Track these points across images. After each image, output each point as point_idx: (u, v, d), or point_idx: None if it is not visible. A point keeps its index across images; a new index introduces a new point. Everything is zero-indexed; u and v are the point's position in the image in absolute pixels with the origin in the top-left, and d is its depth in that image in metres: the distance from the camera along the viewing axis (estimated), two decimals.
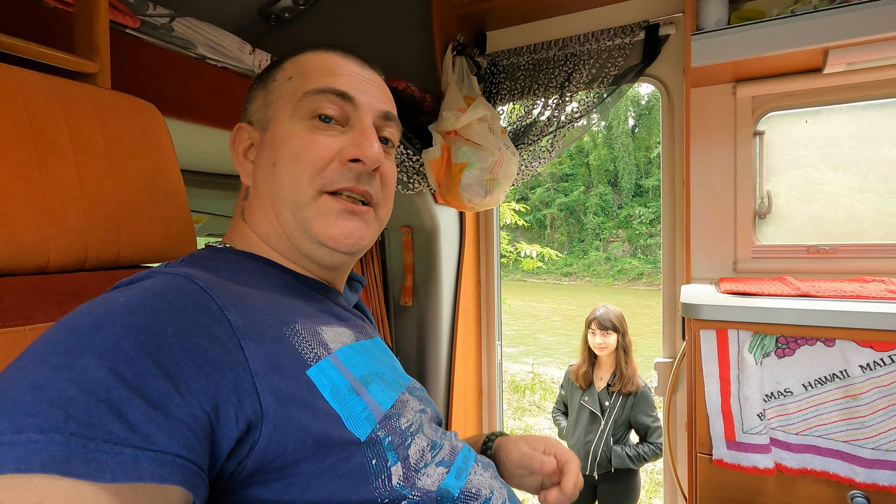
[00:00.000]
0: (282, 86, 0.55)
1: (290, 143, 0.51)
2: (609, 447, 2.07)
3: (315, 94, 0.52)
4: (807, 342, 0.97)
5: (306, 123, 0.52)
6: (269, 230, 0.54)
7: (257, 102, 0.57)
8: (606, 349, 2.17)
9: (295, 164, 0.51)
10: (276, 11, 1.81)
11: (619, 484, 2.10)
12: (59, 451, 0.28)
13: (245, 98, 0.60)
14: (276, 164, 0.52)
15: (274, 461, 0.37)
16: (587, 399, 2.18)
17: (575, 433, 2.20)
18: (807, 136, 1.48)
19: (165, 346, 0.35)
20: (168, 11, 0.88)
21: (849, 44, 1.17)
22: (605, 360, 2.22)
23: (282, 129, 0.52)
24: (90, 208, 0.57)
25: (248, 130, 0.57)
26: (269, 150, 0.53)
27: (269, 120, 0.54)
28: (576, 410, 2.22)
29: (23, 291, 0.51)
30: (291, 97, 0.53)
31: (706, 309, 1.04)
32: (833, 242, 1.41)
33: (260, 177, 0.54)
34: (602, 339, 2.17)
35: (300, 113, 0.52)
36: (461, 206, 1.59)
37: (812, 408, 0.97)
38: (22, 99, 0.53)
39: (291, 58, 0.57)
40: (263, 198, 0.53)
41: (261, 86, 0.58)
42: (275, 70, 0.57)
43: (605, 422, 2.11)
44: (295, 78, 0.54)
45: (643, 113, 16.37)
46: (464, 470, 0.51)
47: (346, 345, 0.49)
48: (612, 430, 2.09)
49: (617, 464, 2.04)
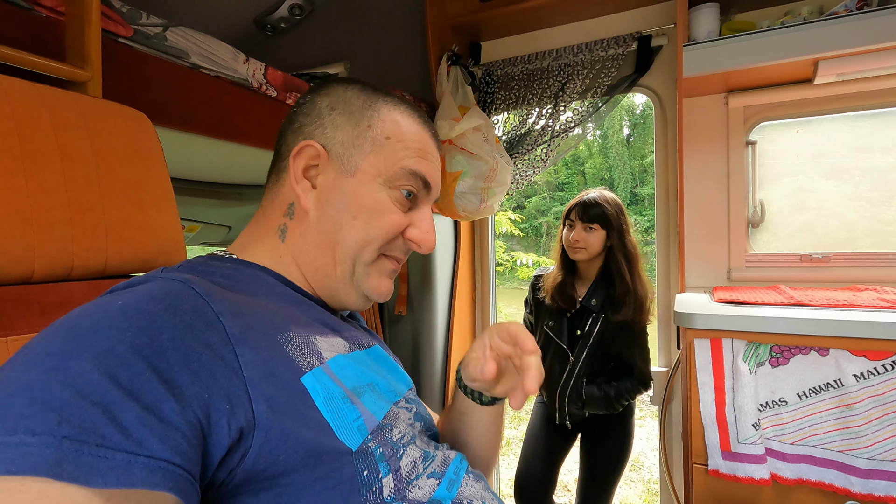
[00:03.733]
0: (377, 140, 0.54)
1: (376, 207, 0.54)
2: (578, 389, 1.51)
3: (410, 174, 0.55)
4: (801, 351, 0.97)
5: (393, 194, 0.55)
6: (319, 266, 0.54)
7: (342, 134, 0.55)
8: (585, 251, 1.48)
9: (375, 229, 0.54)
10: (272, 21, 1.82)
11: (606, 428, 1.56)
12: (52, 454, 0.27)
13: (315, 110, 0.56)
14: (357, 220, 0.53)
15: (265, 470, 0.37)
16: (552, 324, 1.56)
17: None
18: (798, 145, 1.49)
19: (161, 350, 0.34)
20: (162, 21, 0.88)
21: (838, 55, 1.18)
22: (586, 271, 1.56)
23: (369, 188, 0.54)
24: (77, 217, 0.57)
25: (321, 153, 0.54)
26: (352, 199, 0.54)
27: (357, 168, 0.54)
28: (541, 338, 1.60)
29: (5, 302, 0.51)
30: (386, 161, 0.54)
31: (700, 318, 1.04)
32: (826, 251, 1.42)
33: (331, 217, 0.54)
34: (579, 236, 1.48)
35: (391, 182, 0.54)
36: (455, 215, 1.59)
37: (807, 417, 0.97)
38: (9, 108, 0.52)
39: (386, 105, 0.56)
40: (328, 237, 0.54)
41: (347, 114, 0.55)
42: (368, 111, 0.55)
43: (575, 357, 1.51)
44: (393, 141, 0.55)
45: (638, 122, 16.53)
46: (455, 481, 0.51)
47: (340, 354, 0.49)
48: (584, 367, 1.51)
49: (591, 408, 1.51)
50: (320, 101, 0.57)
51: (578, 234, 1.49)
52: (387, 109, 0.56)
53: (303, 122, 0.56)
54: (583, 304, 1.52)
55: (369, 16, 1.82)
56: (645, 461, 3.21)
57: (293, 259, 0.55)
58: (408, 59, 1.78)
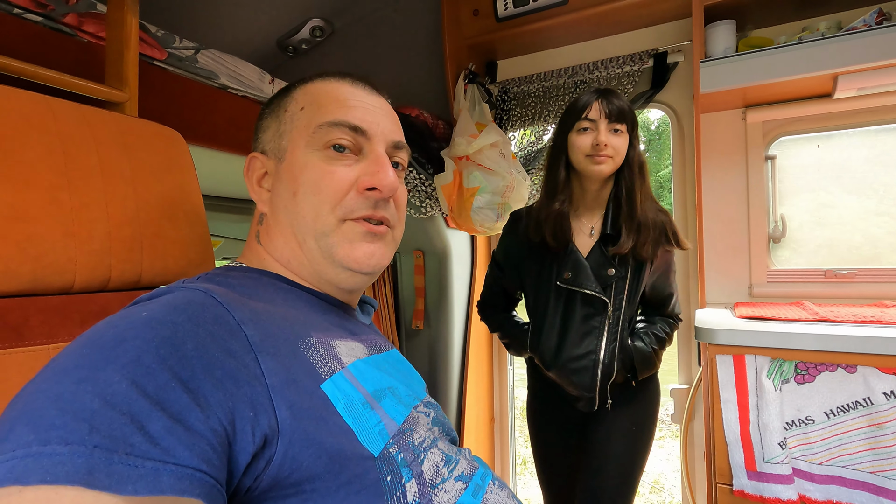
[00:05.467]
0: (294, 116, 0.56)
1: (309, 174, 0.53)
2: (626, 349, 1.17)
3: (329, 127, 0.53)
4: (827, 368, 0.95)
5: (322, 154, 0.53)
6: (290, 256, 0.55)
7: (269, 132, 0.58)
8: (612, 160, 1.12)
9: (316, 195, 0.53)
10: (294, 43, 1.87)
11: (638, 395, 1.22)
12: (83, 464, 0.28)
13: (255, 127, 0.61)
14: (297, 195, 0.53)
15: (290, 476, 0.37)
16: (570, 274, 1.15)
17: (546, 339, 1.19)
18: (819, 160, 1.48)
19: (185, 359, 0.35)
20: (193, 44, 0.92)
21: (858, 69, 1.18)
22: (595, 193, 1.18)
23: (299, 160, 0.54)
24: (115, 230, 0.59)
25: (262, 159, 0.58)
26: (287, 180, 0.54)
27: (284, 150, 0.55)
28: (544, 300, 1.20)
29: (48, 311, 0.53)
30: (305, 128, 0.54)
31: (722, 333, 1.03)
32: (851, 267, 1.39)
33: (279, 206, 0.55)
34: (607, 139, 1.10)
35: (315, 144, 0.53)
36: (473, 230, 1.60)
37: (835, 436, 0.94)
38: (56, 127, 0.55)
39: (300, 86, 0.58)
40: (283, 225, 0.55)
41: (272, 115, 0.59)
42: (285, 99, 0.58)
43: (614, 307, 1.16)
44: (307, 108, 0.55)
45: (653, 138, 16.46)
46: (480, 487, 0.50)
47: (359, 359, 0.50)
48: (626, 319, 1.18)
49: (643, 369, 1.17)
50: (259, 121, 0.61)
51: (605, 135, 1.10)
52: (301, 88, 0.58)
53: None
54: (603, 236, 1.16)
55: (388, 37, 1.87)
56: (666, 482, 3.13)
57: (272, 257, 0.57)
58: (425, 78, 1.82)
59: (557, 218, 1.15)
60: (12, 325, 0.50)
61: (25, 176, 0.51)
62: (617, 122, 1.11)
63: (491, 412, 1.99)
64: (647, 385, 1.23)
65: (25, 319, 0.51)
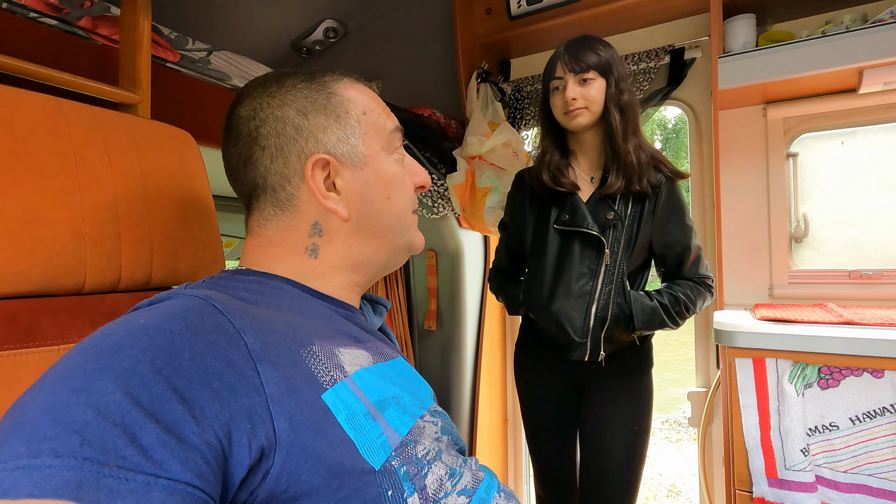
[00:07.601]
0: (360, 119, 0.56)
1: (396, 178, 0.58)
2: (624, 295, 1.14)
3: (395, 132, 0.59)
4: (852, 373, 0.92)
5: (394, 157, 0.59)
6: (366, 258, 0.57)
7: (334, 132, 0.54)
8: (587, 111, 1.14)
9: (406, 197, 0.59)
10: (308, 44, 1.88)
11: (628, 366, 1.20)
12: (73, 477, 0.28)
13: (284, 124, 0.52)
14: (390, 198, 0.57)
15: (287, 490, 0.36)
16: (567, 217, 1.18)
17: (540, 282, 1.20)
18: (843, 157, 1.43)
19: (182, 370, 0.35)
20: (206, 46, 0.93)
21: (885, 63, 1.14)
22: (589, 142, 1.21)
23: (383, 165, 0.57)
24: (125, 232, 0.60)
25: (331, 161, 0.54)
26: (378, 186, 0.56)
27: (363, 154, 0.55)
28: (542, 243, 1.22)
29: (59, 311, 0.53)
30: (377, 133, 0.57)
31: (742, 336, 1.00)
32: (876, 267, 1.35)
33: (367, 211, 0.56)
34: (574, 92, 1.12)
35: (389, 148, 0.58)
36: (485, 230, 1.59)
37: (861, 444, 0.91)
38: (67, 130, 0.56)
39: (335, 84, 0.56)
40: (371, 230, 0.57)
41: (327, 115, 0.54)
42: (335, 99, 0.55)
43: (611, 248, 1.15)
44: (369, 114, 0.57)
45: (670, 136, 16.24)
46: (485, 500, 0.49)
47: (363, 367, 0.49)
48: (623, 265, 1.15)
49: (643, 326, 1.13)
50: (279, 112, 0.53)
51: (572, 90, 1.12)
52: (339, 87, 0.56)
53: (281, 143, 0.52)
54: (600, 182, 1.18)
55: (401, 37, 1.87)
56: (683, 487, 3.07)
57: (332, 269, 0.55)
58: (438, 77, 1.81)
59: (557, 165, 1.21)
60: (24, 326, 0.50)
61: (37, 178, 0.52)
62: (583, 71, 1.12)
63: (504, 413, 1.97)
64: (641, 373, 1.22)
65: (36, 320, 0.51)
